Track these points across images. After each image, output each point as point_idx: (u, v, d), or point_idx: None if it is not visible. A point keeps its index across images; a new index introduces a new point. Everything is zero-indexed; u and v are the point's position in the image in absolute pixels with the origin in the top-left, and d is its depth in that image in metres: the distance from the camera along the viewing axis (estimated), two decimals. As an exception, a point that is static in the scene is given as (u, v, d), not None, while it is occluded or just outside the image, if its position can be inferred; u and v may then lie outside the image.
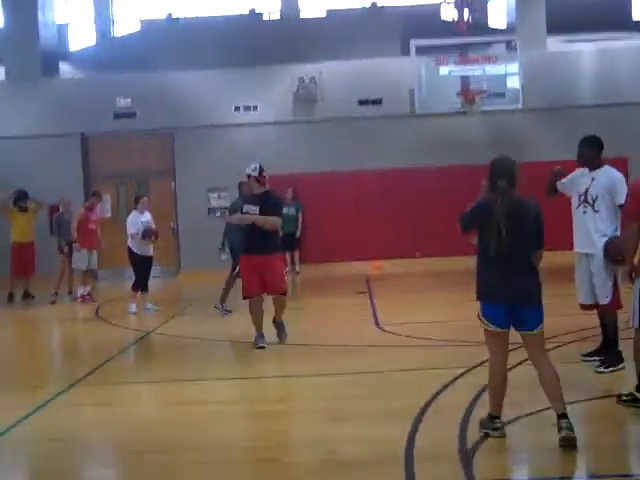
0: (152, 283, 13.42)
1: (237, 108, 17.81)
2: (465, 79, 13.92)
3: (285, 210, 16.93)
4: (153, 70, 18.04)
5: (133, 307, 12.43)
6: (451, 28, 17.18)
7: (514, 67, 13.82)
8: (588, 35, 19.64)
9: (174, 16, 20.75)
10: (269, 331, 8.97)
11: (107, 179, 18.05)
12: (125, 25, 24.01)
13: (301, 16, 21.57)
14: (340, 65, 17.62)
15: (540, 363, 5.17)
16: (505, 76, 14.09)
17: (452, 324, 9.59)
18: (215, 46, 18.50)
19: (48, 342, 11.76)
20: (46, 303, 14.13)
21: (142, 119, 17.79)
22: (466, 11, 15.11)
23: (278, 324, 9.07)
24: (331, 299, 13.36)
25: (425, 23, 18.48)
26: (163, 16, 20.99)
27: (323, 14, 21.74)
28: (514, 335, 5.25)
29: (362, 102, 17.68)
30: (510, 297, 5.08)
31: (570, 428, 4.93)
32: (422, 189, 17.23)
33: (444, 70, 13.91)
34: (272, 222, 8.86)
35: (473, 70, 13.85)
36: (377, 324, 10.21)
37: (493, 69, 14.00)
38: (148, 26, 20.69)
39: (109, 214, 17.73)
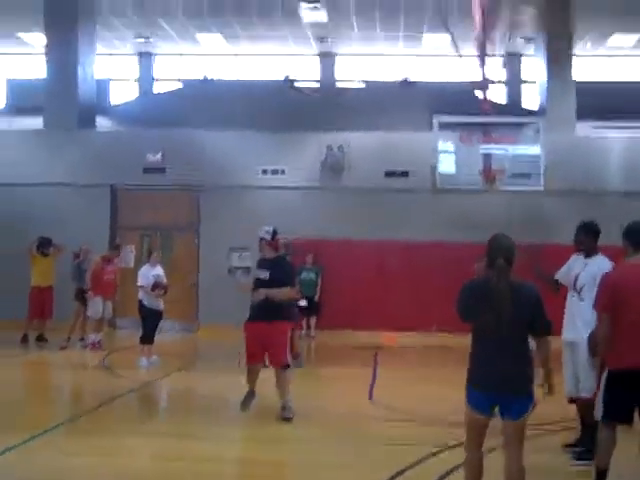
0: (171, 338, 13.44)
1: (265, 171, 18.10)
2: (487, 158, 14.04)
3: (305, 274, 17.19)
4: (184, 127, 18.45)
5: (144, 361, 12.49)
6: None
7: (538, 149, 13.91)
8: (621, 122, 19.74)
9: (209, 77, 21.28)
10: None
11: (133, 230, 18.36)
12: (165, 84, 24.85)
13: (337, 86, 22.05)
14: (368, 136, 17.85)
15: (510, 454, 4.99)
16: (529, 157, 14.17)
17: (448, 402, 9.50)
18: (248, 109, 18.84)
19: (44, 386, 11.85)
20: (57, 348, 14.33)
21: (170, 175, 18.16)
22: (491, 91, 15.29)
23: (283, 407, 8.46)
24: (335, 367, 13.35)
25: (456, 99, 18.68)
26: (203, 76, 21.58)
27: (359, 85, 22.20)
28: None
29: (389, 174, 17.81)
30: (496, 385, 4.94)
31: None
32: (442, 264, 17.18)
33: (466, 148, 14.08)
34: (287, 295, 8.56)
35: (495, 149, 13.97)
36: (371, 397, 10.16)
37: (517, 149, 14.12)
38: (186, 85, 21.21)
39: (132, 265, 17.93)
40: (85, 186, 18.03)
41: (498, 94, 17.20)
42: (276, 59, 24.56)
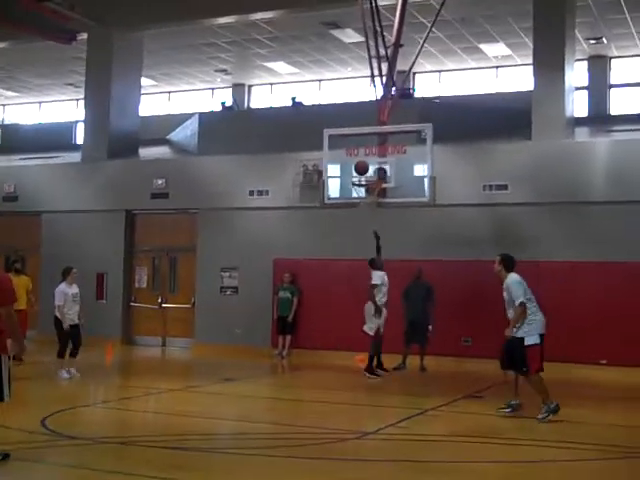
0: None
1: (251, 192, 19.00)
2: (376, 169, 13.78)
3: (281, 293, 17.76)
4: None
5: (63, 373, 13.83)
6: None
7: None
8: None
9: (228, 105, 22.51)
10: None
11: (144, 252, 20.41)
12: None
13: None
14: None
15: None
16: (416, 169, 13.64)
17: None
18: (260, 133, 19.78)
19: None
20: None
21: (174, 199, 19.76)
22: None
23: None
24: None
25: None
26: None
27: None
28: None
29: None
30: None
31: None
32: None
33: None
34: None
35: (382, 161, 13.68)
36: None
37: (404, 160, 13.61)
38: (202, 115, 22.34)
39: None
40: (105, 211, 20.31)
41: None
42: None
